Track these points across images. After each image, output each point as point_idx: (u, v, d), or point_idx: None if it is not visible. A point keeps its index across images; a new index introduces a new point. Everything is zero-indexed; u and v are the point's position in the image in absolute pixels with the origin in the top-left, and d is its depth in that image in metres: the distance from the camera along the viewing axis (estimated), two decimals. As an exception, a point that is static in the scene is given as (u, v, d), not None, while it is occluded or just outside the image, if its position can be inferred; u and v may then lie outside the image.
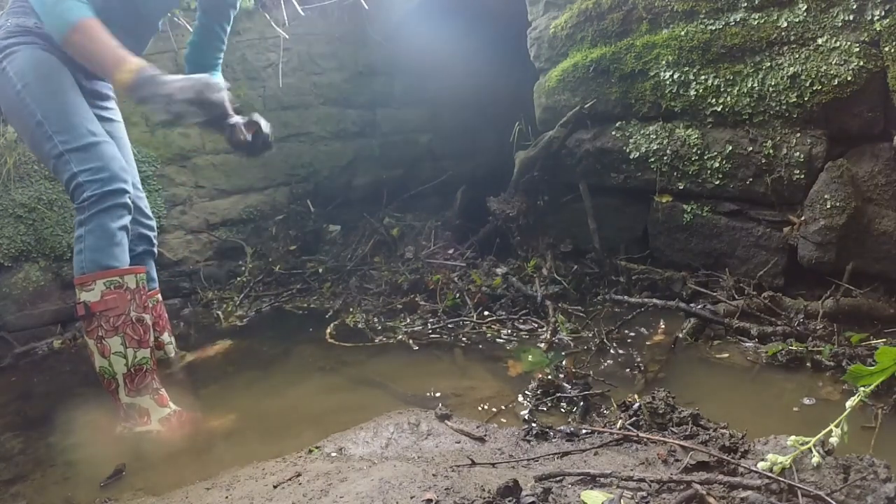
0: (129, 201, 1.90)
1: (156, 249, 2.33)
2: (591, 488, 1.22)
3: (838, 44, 2.07)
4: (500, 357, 2.24)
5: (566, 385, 1.89)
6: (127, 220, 1.90)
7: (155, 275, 2.34)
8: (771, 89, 2.25)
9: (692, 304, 2.38)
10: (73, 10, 1.72)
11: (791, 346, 2.00)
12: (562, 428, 1.57)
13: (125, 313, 1.83)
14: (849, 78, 2.05)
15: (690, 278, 2.61)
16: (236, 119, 2.06)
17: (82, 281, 1.82)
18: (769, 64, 2.25)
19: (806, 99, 2.17)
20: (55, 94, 1.86)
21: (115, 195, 1.85)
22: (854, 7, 2.03)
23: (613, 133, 2.82)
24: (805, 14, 2.14)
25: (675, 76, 2.51)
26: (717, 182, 2.49)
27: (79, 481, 1.61)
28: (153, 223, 2.31)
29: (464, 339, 2.42)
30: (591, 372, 1.97)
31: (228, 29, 2.42)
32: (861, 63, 2.03)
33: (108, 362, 1.81)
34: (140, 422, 1.80)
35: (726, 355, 2.07)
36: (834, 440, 1.23)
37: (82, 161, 1.82)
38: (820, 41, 2.12)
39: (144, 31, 2.19)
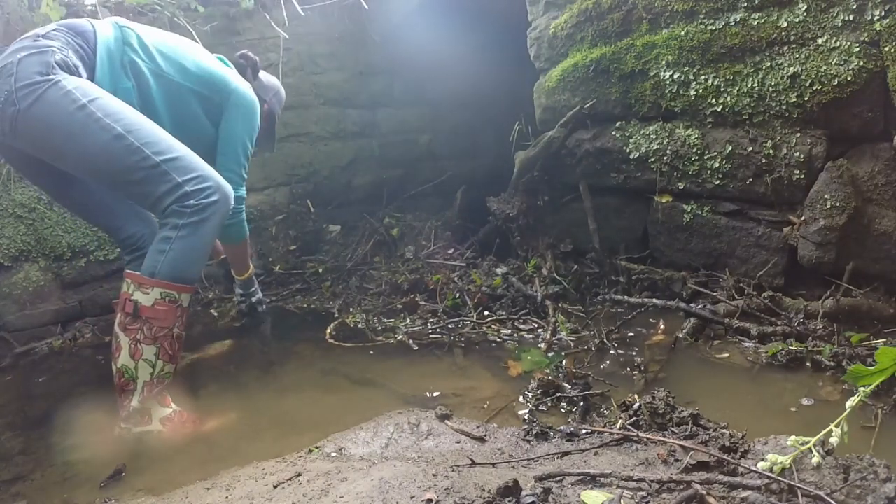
0: (226, 218, 1.89)
1: None
2: (591, 488, 1.22)
3: (838, 44, 2.07)
4: (500, 357, 2.24)
5: (566, 385, 1.89)
6: (217, 237, 1.90)
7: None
8: (771, 89, 2.25)
9: (692, 304, 2.39)
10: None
11: (791, 346, 2.00)
12: (562, 428, 1.57)
13: (169, 328, 1.81)
14: (849, 78, 2.05)
15: (690, 278, 2.61)
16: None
17: (141, 281, 1.79)
18: (769, 64, 2.25)
19: (806, 99, 2.17)
20: (131, 110, 1.82)
21: (220, 206, 1.84)
22: (854, 7, 2.03)
23: (613, 133, 2.82)
24: (805, 14, 2.14)
25: (675, 76, 2.51)
26: (717, 182, 2.49)
27: (79, 481, 1.61)
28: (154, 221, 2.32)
29: (464, 339, 2.42)
30: (591, 372, 1.98)
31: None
32: (861, 63, 2.03)
33: (135, 365, 1.79)
34: (141, 422, 1.80)
35: (726, 355, 2.07)
36: (834, 440, 1.23)
37: (183, 171, 1.79)
38: (820, 41, 2.12)
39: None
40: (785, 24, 2.19)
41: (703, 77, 2.44)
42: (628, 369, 2.04)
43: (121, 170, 1.79)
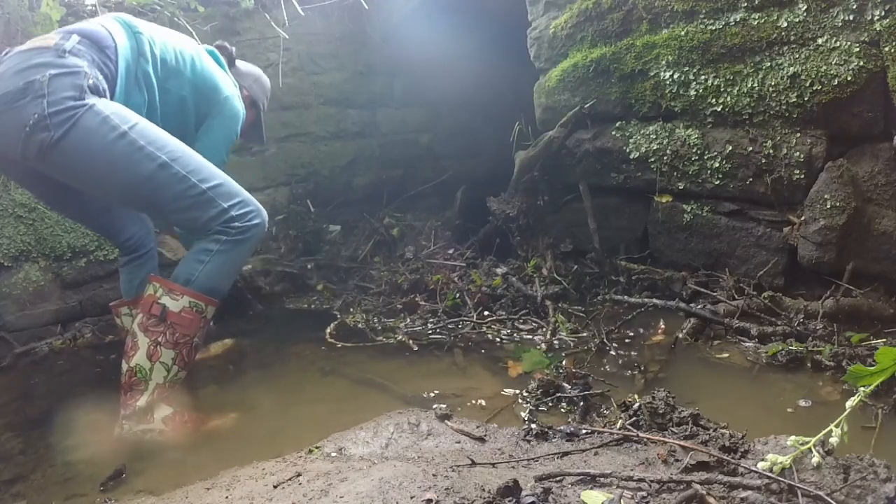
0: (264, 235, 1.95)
1: (155, 251, 2.32)
2: (591, 488, 1.22)
3: (838, 44, 2.07)
4: (500, 357, 2.24)
5: (566, 385, 1.89)
6: (251, 254, 1.95)
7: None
8: (771, 89, 2.25)
9: (692, 304, 2.39)
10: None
11: (791, 346, 2.00)
12: (562, 428, 1.57)
13: (191, 336, 1.84)
14: (849, 78, 2.05)
15: (690, 278, 2.61)
16: None
17: (171, 287, 1.82)
18: (769, 64, 2.25)
19: (806, 99, 2.17)
20: (169, 136, 1.82)
21: (260, 229, 1.90)
22: (854, 7, 2.03)
23: (613, 133, 2.82)
24: (805, 14, 2.14)
25: (675, 76, 2.51)
26: (717, 182, 2.49)
27: (79, 481, 1.61)
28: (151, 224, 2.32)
29: (464, 339, 2.42)
30: (591, 372, 1.97)
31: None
32: (861, 63, 2.03)
33: (150, 367, 1.80)
34: (143, 420, 1.80)
35: (726, 355, 2.07)
36: (834, 440, 1.23)
37: (228, 197, 1.84)
38: (820, 41, 2.12)
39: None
40: (785, 24, 2.19)
41: (703, 77, 2.44)
42: (628, 369, 2.04)
43: (168, 198, 1.80)
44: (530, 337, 2.41)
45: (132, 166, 1.73)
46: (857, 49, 2.03)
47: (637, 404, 1.61)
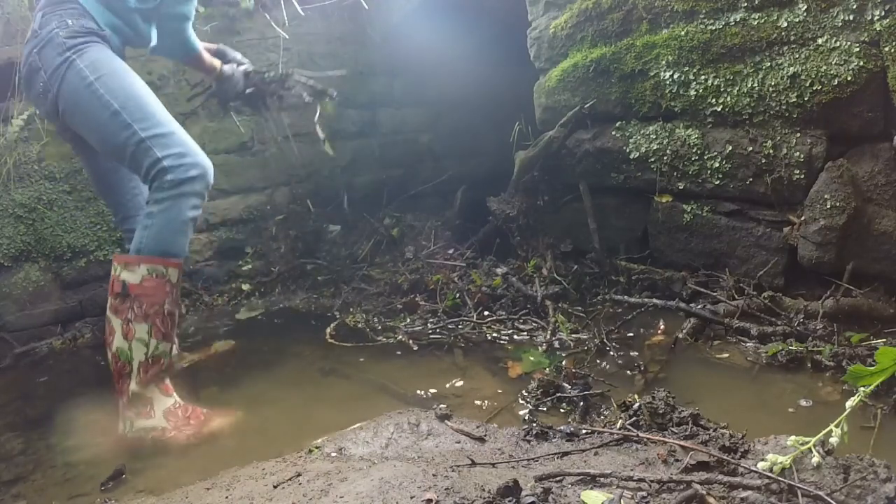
0: (205, 194, 1.91)
1: None
2: (591, 488, 1.22)
3: (838, 44, 2.07)
4: (500, 357, 2.24)
5: (566, 385, 1.89)
6: (198, 212, 1.90)
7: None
8: (771, 89, 2.25)
9: (692, 304, 2.38)
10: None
11: (791, 346, 2.00)
12: (562, 428, 1.57)
13: (159, 304, 1.83)
14: (849, 78, 2.05)
15: (690, 278, 2.61)
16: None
17: (127, 260, 1.83)
18: (769, 64, 2.25)
19: (806, 99, 2.17)
20: (131, 85, 1.89)
21: (197, 182, 1.85)
22: (854, 7, 2.03)
23: (613, 133, 2.82)
24: (805, 14, 2.14)
25: (675, 76, 2.51)
26: (717, 182, 2.49)
27: (79, 482, 1.61)
28: None
29: (464, 339, 2.42)
30: (591, 372, 1.97)
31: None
32: (861, 63, 2.03)
33: (129, 346, 1.81)
34: (143, 412, 1.79)
35: (726, 355, 2.08)
36: (834, 440, 1.23)
37: (165, 147, 1.83)
38: (820, 41, 2.12)
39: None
40: (785, 24, 2.19)
41: (703, 77, 2.44)
42: (628, 369, 2.04)
43: (117, 146, 1.87)
44: (530, 337, 2.41)
45: (93, 113, 1.86)
46: (857, 49, 2.03)
47: (637, 404, 1.61)
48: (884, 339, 1.98)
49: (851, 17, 2.04)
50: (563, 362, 2.06)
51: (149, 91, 1.93)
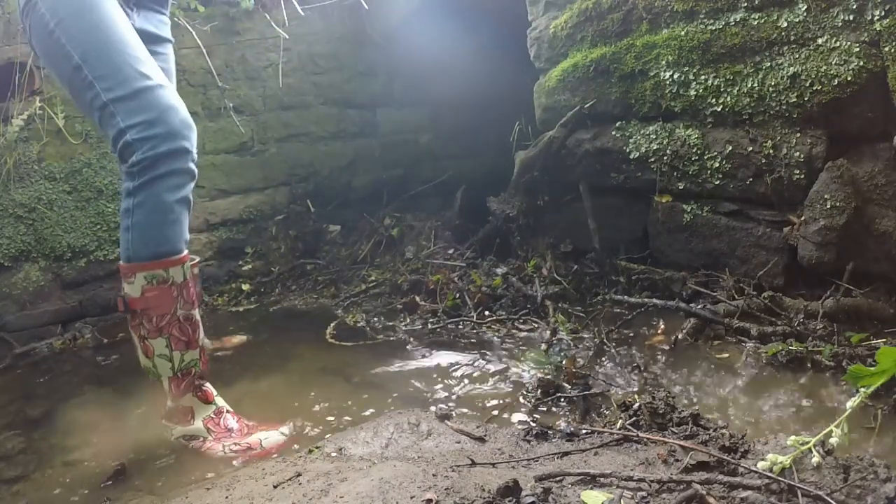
0: (191, 165, 1.60)
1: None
2: (591, 488, 1.22)
3: (838, 44, 2.07)
4: (500, 357, 2.24)
5: (566, 385, 1.89)
6: (189, 189, 1.59)
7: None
8: (771, 89, 2.25)
9: (692, 304, 2.38)
10: None
11: (791, 346, 2.00)
12: (562, 428, 1.58)
13: (170, 312, 1.59)
14: (849, 78, 2.05)
15: (690, 278, 2.61)
16: None
17: (122, 271, 1.59)
18: (769, 64, 2.25)
19: (806, 99, 2.17)
20: (95, 28, 1.54)
21: (174, 158, 1.54)
22: (854, 7, 2.03)
23: (613, 133, 2.82)
24: (805, 14, 2.14)
25: (675, 76, 2.51)
26: (717, 182, 2.49)
27: (79, 481, 1.61)
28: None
29: (464, 339, 2.42)
30: (591, 372, 1.98)
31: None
32: (861, 63, 2.03)
33: (153, 363, 1.64)
34: (184, 420, 1.68)
35: (726, 355, 2.08)
36: (834, 440, 1.23)
37: (131, 113, 1.51)
38: (820, 41, 2.12)
39: None
40: (785, 24, 2.19)
41: (703, 77, 2.44)
42: (628, 369, 2.04)
43: (86, 109, 1.61)
44: (530, 337, 2.41)
45: (60, 67, 1.59)
46: (857, 49, 2.03)
47: (637, 404, 1.61)
48: (884, 340, 1.98)
49: (851, 17, 2.04)
50: (563, 362, 2.06)
51: (122, 34, 1.57)
